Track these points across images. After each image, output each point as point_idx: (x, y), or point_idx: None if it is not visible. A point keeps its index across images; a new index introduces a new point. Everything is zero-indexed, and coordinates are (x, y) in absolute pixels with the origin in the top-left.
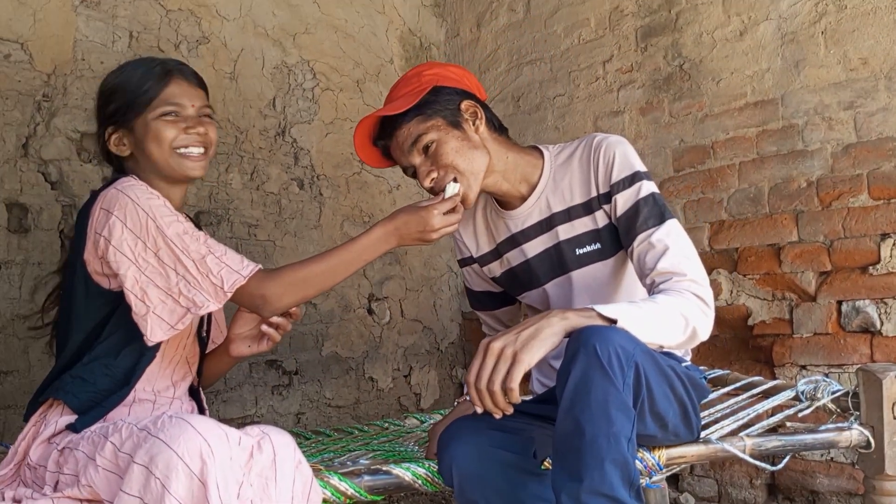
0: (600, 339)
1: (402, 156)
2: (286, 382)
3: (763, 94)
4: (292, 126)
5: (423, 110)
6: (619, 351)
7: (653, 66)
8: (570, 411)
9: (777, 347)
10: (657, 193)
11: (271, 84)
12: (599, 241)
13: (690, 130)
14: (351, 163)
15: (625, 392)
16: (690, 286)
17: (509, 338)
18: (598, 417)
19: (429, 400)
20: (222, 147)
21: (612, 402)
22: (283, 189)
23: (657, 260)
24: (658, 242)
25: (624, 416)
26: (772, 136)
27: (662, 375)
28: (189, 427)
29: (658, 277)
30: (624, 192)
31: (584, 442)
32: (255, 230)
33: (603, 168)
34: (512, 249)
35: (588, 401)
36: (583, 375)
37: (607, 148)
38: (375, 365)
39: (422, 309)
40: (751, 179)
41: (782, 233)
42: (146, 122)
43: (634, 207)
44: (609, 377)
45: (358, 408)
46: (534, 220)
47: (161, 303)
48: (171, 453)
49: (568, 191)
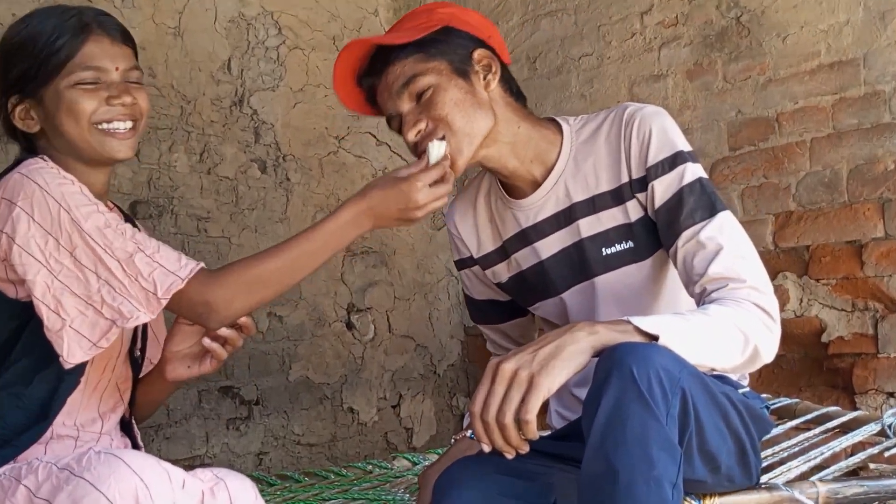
0: (638, 359)
1: (389, 99)
2: (245, 415)
3: (841, 54)
4: (252, 94)
5: (426, 48)
6: (661, 374)
7: (703, 19)
8: (600, 449)
9: (858, 370)
10: (705, 179)
11: (225, 42)
12: (632, 238)
13: (750, 98)
14: (325, 140)
15: (668, 426)
16: (751, 294)
17: (524, 357)
18: (636, 457)
19: (423, 436)
20: (165, 120)
21: (653, 439)
22: (240, 173)
23: (708, 263)
24: (709, 241)
25: (667, 455)
26: (852, 105)
27: (715, 405)
28: (121, 464)
29: (710, 285)
30: (663, 178)
31: (618, 488)
32: (205, 224)
33: (637, 147)
34: (522, 248)
35: (623, 436)
36: (616, 404)
37: (642, 121)
38: (356, 393)
39: (414, 322)
40: (825, 160)
41: (865, 227)
42: (58, 91)
43: (677, 196)
44: (649, 407)
45: (335, 446)
46: (549, 212)
47: (80, 314)
48: (100, 496)
49: (592, 175)
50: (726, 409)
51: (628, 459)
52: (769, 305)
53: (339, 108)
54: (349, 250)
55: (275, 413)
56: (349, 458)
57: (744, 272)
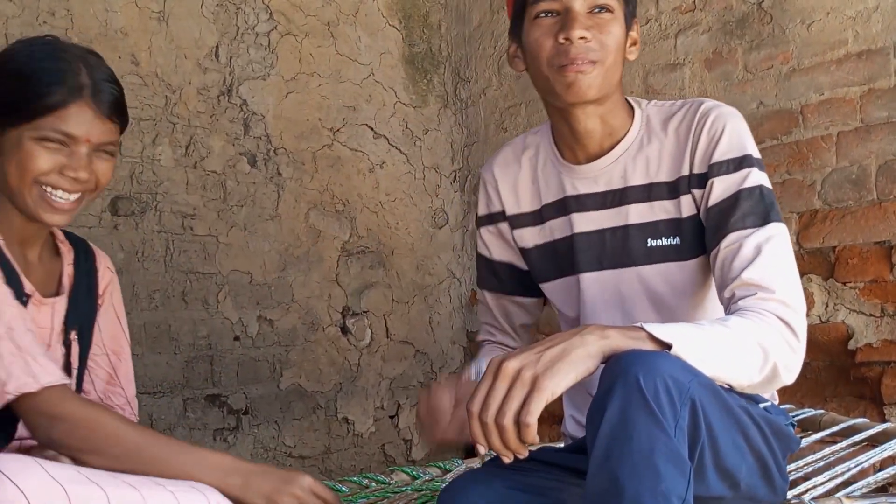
0: (644, 367)
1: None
2: (233, 424)
3: (870, 42)
4: (241, 83)
5: None
6: (668, 383)
7: (722, 4)
8: (605, 464)
9: (888, 380)
10: (767, 188)
11: (213, 27)
12: (680, 234)
13: (772, 90)
14: (319, 132)
15: (677, 437)
16: (778, 308)
17: (529, 357)
18: (642, 471)
19: (423, 449)
20: (148, 111)
21: (660, 451)
22: (228, 167)
23: (744, 267)
24: (752, 247)
25: (676, 469)
26: (881, 97)
27: (731, 418)
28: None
29: (739, 290)
30: (725, 177)
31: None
32: (191, 222)
33: (706, 142)
34: (559, 217)
35: (629, 449)
36: (621, 415)
37: (717, 119)
38: (352, 402)
39: (413, 327)
40: (853, 156)
41: (895, 227)
42: (19, 137)
43: (734, 198)
44: (656, 417)
45: (328, 458)
46: (600, 189)
47: None
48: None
49: (655, 161)
50: (744, 424)
51: (634, 474)
52: (796, 322)
53: (333, 99)
54: (345, 249)
55: (265, 423)
56: (344, 471)
57: (776, 283)
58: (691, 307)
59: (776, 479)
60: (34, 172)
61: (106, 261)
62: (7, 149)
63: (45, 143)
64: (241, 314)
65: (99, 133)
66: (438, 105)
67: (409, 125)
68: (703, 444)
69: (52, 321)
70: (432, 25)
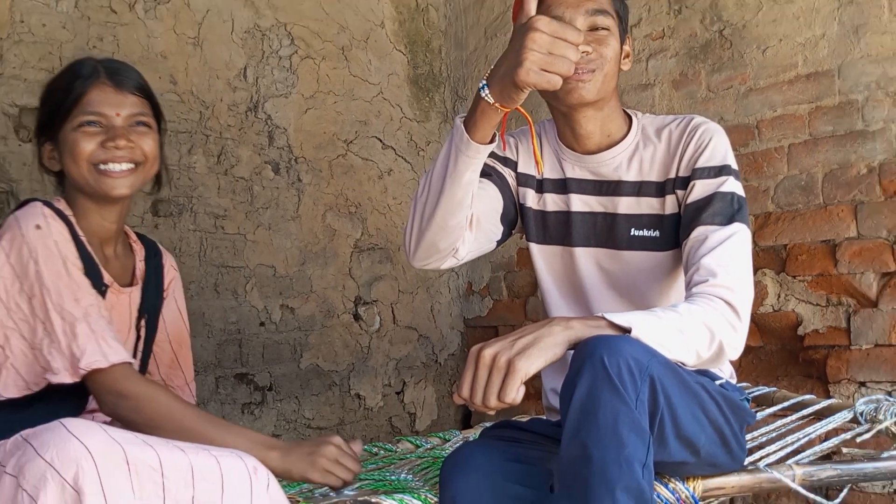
0: (609, 349)
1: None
2: (259, 399)
3: (817, 65)
4: (266, 100)
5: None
6: (630, 363)
7: (688, 32)
8: (575, 435)
9: (832, 361)
10: (740, 196)
11: (242, 51)
12: (660, 228)
13: (731, 107)
14: (334, 143)
15: (638, 410)
16: (724, 293)
17: (503, 344)
18: (608, 440)
19: (425, 421)
20: (185, 125)
21: (623, 422)
22: (255, 174)
23: (704, 255)
24: (715, 239)
25: (637, 437)
26: (827, 113)
27: (688, 392)
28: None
29: (696, 275)
30: (705, 181)
31: (592, 468)
32: (222, 221)
33: (692, 150)
34: (553, 193)
35: (596, 421)
36: (589, 392)
37: (704, 132)
38: (363, 380)
39: (417, 315)
40: (802, 164)
41: (839, 227)
42: (66, 134)
43: (709, 199)
44: (619, 393)
45: (342, 429)
46: (596, 178)
47: (22, 356)
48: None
49: (648, 163)
50: (701, 398)
51: (601, 442)
52: (739, 305)
53: (347, 114)
54: (357, 246)
55: (287, 398)
56: None
57: (727, 271)
58: (659, 292)
59: (734, 447)
60: (84, 155)
61: (171, 260)
62: (63, 150)
63: (84, 129)
64: (265, 303)
65: (125, 104)
66: (439, 120)
67: (414, 137)
68: (662, 416)
69: (129, 308)
70: (434, 50)
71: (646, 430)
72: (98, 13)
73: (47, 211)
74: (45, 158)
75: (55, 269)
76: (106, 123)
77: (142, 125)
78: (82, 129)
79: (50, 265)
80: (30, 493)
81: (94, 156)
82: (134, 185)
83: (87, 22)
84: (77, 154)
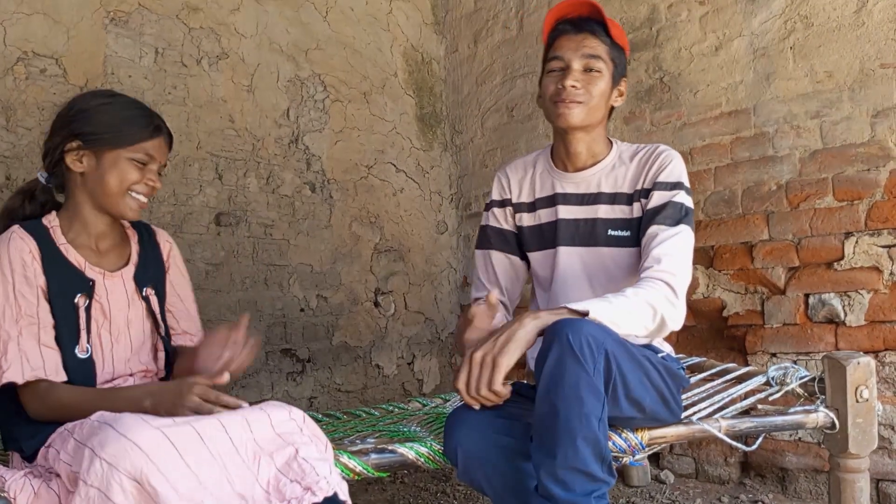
0: (572, 329)
1: (573, 51)
2: (300, 369)
3: (737, 105)
4: (305, 134)
5: (614, 50)
6: (589, 340)
7: (635, 79)
8: (546, 395)
9: (749, 337)
10: (688, 206)
11: (285, 96)
12: (630, 229)
13: (670, 138)
14: (358, 168)
15: (595, 377)
16: (665, 276)
17: (488, 346)
18: (571, 399)
19: (430, 385)
20: (240, 153)
21: (584, 386)
22: (296, 192)
23: (655, 246)
24: (665, 235)
25: (594, 398)
26: (744, 142)
27: (635, 363)
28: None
29: (647, 262)
30: (662, 192)
31: (559, 422)
32: (270, 230)
33: (656, 169)
34: (547, 207)
35: (562, 384)
36: (557, 362)
37: (667, 156)
38: (381, 353)
39: (424, 302)
40: (725, 183)
41: (754, 232)
42: (118, 157)
43: (664, 205)
44: (580, 363)
45: (365, 392)
46: (581, 191)
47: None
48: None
49: (622, 178)
50: (646, 367)
51: (566, 401)
52: (677, 285)
53: (368, 145)
54: (376, 249)
55: (322, 368)
56: (376, 401)
57: (669, 259)
58: (625, 281)
59: (673, 406)
60: (129, 182)
61: (165, 235)
62: (107, 165)
63: (135, 163)
64: (304, 293)
65: (165, 155)
66: (440, 149)
67: (420, 163)
68: (615, 381)
69: (124, 285)
70: (436, 94)
71: (601, 392)
72: (172, 66)
73: (16, 234)
74: (69, 152)
75: (4, 292)
76: (149, 165)
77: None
78: (134, 163)
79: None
80: (102, 490)
81: (137, 186)
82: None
83: (164, 74)
84: (125, 179)
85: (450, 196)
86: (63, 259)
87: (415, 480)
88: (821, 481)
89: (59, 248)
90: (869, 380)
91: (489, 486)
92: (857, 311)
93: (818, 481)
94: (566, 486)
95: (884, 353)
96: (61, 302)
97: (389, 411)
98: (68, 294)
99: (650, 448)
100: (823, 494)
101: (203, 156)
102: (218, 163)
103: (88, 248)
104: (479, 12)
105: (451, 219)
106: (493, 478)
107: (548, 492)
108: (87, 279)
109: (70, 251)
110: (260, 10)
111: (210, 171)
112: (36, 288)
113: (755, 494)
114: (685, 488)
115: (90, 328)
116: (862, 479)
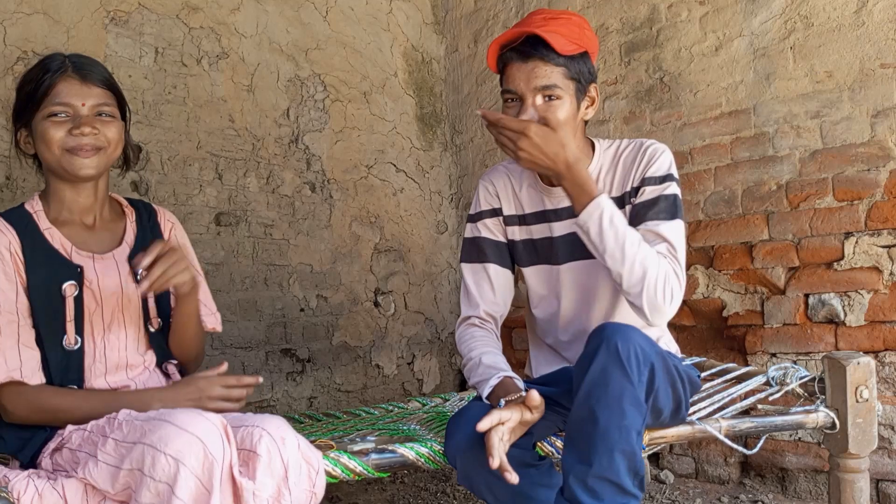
0: (622, 337)
1: (524, 83)
2: (300, 369)
3: (737, 105)
4: (305, 134)
5: (570, 66)
6: (637, 351)
7: (635, 79)
8: (586, 401)
9: (749, 337)
10: (679, 198)
11: (285, 96)
12: None
13: (670, 138)
14: (358, 168)
15: (639, 389)
16: (673, 263)
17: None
18: (613, 409)
19: (430, 385)
20: (240, 153)
21: (627, 398)
22: (296, 192)
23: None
24: (660, 232)
25: (636, 410)
26: (744, 143)
27: (669, 375)
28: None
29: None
30: (653, 186)
31: (597, 430)
32: (270, 230)
33: (644, 164)
34: (539, 224)
35: (605, 393)
36: (602, 369)
37: (654, 150)
38: (381, 353)
39: (424, 302)
40: (725, 183)
41: (754, 232)
42: (38, 122)
43: (655, 199)
44: (627, 374)
45: (365, 392)
46: (569, 203)
47: None
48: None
49: (609, 183)
50: (674, 378)
51: (607, 410)
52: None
53: (368, 145)
54: (376, 249)
55: (322, 368)
56: (376, 400)
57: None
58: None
59: (683, 412)
60: (55, 142)
61: (167, 214)
62: (36, 136)
63: (54, 119)
64: (305, 293)
65: (89, 96)
66: (440, 149)
67: (420, 163)
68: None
69: (117, 267)
70: (436, 94)
71: (643, 406)
72: (172, 66)
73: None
74: (21, 143)
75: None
76: (73, 113)
77: (106, 114)
78: (52, 119)
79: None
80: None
81: (64, 142)
82: (99, 166)
83: (164, 73)
84: (48, 141)
85: (450, 196)
86: (48, 247)
87: (415, 480)
88: (821, 481)
89: (43, 235)
90: (869, 380)
91: (490, 494)
92: (856, 311)
93: (818, 481)
94: (595, 495)
95: (884, 353)
96: (46, 293)
97: (389, 411)
98: (55, 284)
99: (650, 448)
100: (823, 494)
101: (203, 155)
102: (218, 163)
103: (75, 225)
104: (479, 12)
105: (451, 219)
106: (495, 486)
107: (575, 498)
108: (73, 266)
109: (55, 235)
110: (260, 9)
111: (210, 171)
112: (16, 283)
113: (755, 494)
114: (685, 488)
115: (82, 317)
116: (862, 479)
